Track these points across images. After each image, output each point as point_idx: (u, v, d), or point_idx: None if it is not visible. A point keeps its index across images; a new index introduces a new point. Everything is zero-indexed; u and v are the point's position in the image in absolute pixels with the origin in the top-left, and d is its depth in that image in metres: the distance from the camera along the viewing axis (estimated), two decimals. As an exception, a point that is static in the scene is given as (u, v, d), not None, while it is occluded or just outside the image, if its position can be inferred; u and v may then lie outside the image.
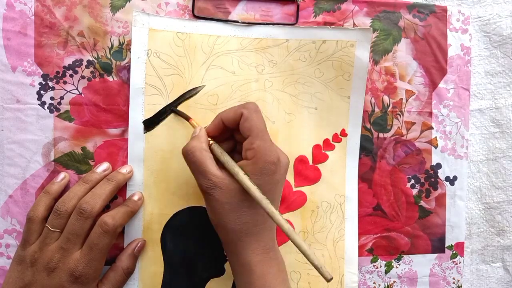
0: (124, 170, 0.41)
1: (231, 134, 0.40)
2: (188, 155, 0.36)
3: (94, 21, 0.41)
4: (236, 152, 0.40)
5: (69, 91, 0.42)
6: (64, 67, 0.41)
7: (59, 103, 0.41)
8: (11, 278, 0.38)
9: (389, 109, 0.46)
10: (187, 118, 0.41)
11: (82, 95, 0.42)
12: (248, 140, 0.36)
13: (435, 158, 0.47)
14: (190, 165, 0.37)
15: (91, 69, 0.42)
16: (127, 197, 0.42)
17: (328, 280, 0.34)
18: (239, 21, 0.43)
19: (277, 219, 0.34)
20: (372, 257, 0.47)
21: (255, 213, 0.36)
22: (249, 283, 0.36)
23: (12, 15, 0.40)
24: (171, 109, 0.42)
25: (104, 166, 0.41)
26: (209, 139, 0.38)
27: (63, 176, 0.41)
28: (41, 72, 0.41)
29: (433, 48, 0.47)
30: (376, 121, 0.46)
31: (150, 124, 0.42)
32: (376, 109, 0.46)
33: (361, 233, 0.46)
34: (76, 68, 0.41)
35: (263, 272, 0.36)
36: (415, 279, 0.48)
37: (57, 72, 0.41)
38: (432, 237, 0.48)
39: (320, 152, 0.45)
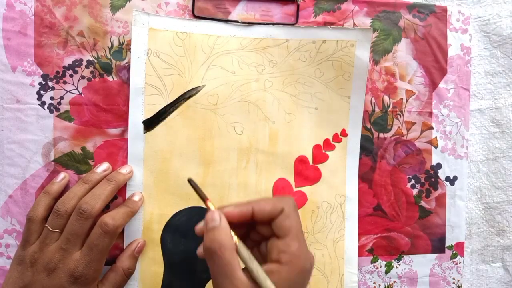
0: (124, 170, 0.41)
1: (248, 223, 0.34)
2: (215, 254, 0.30)
3: (94, 21, 0.41)
4: (249, 241, 0.35)
5: (69, 91, 0.41)
6: (64, 67, 0.41)
7: (59, 103, 0.41)
8: (11, 278, 0.37)
9: (389, 109, 0.46)
10: (204, 199, 0.34)
11: (82, 95, 0.42)
12: (285, 241, 0.31)
13: (435, 158, 0.47)
14: (215, 265, 0.30)
15: (91, 69, 0.42)
16: (127, 197, 0.42)
17: None
18: (239, 21, 0.43)
19: None
20: (372, 257, 0.47)
21: None
22: None
23: (12, 15, 0.40)
24: (189, 181, 0.34)
25: (104, 166, 0.41)
26: (233, 234, 0.32)
27: (63, 176, 0.41)
28: (41, 72, 0.41)
29: (433, 48, 0.47)
30: (376, 121, 0.46)
31: (150, 124, 0.42)
32: (377, 109, 0.46)
33: (361, 233, 0.46)
34: (76, 68, 0.41)
35: None
36: (415, 279, 0.48)
37: (57, 72, 0.41)
38: (432, 237, 0.48)
39: (320, 152, 0.45)
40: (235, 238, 0.31)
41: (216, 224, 0.31)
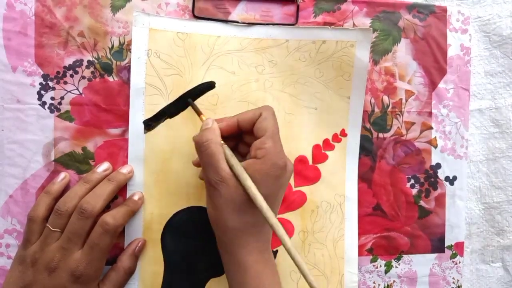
0: (124, 170, 0.41)
1: (237, 136, 0.39)
2: (202, 146, 0.36)
3: (94, 21, 0.41)
4: (237, 154, 0.40)
5: (69, 91, 0.42)
6: (65, 67, 0.41)
7: (60, 103, 0.41)
8: (12, 278, 0.38)
9: (389, 109, 0.46)
10: (199, 113, 0.39)
11: (83, 95, 0.42)
12: (261, 139, 0.36)
13: (435, 158, 0.47)
14: (203, 156, 0.36)
15: (92, 69, 0.42)
16: (127, 197, 0.42)
17: None
18: (239, 21, 0.43)
19: (278, 231, 0.34)
20: (371, 257, 0.47)
21: (256, 214, 0.36)
22: (244, 283, 0.36)
23: (12, 15, 0.40)
24: (187, 101, 0.40)
25: (104, 166, 0.41)
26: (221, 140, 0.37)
27: (63, 176, 0.41)
28: (42, 72, 0.41)
29: (433, 48, 0.47)
30: (375, 121, 0.46)
31: (150, 124, 0.42)
32: (376, 109, 0.46)
33: (360, 233, 0.46)
34: (77, 68, 0.42)
35: (258, 272, 0.36)
36: (414, 279, 0.48)
37: (58, 72, 0.41)
38: (431, 237, 0.48)
39: (320, 152, 0.45)
40: (222, 142, 0.36)
41: (208, 126, 0.37)
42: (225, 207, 0.35)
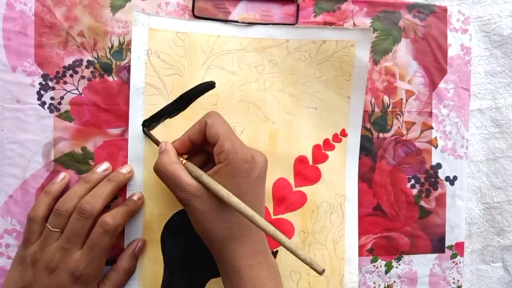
0: (124, 170, 0.41)
1: (202, 149, 0.39)
2: (159, 171, 0.36)
3: (94, 21, 0.41)
4: (210, 167, 0.39)
5: (69, 91, 0.42)
6: (64, 67, 0.41)
7: (59, 103, 0.41)
8: (12, 278, 0.38)
9: (389, 109, 0.46)
10: (156, 143, 0.40)
11: (82, 95, 0.42)
12: (218, 144, 0.36)
13: (435, 158, 0.47)
14: (164, 180, 0.36)
15: (91, 69, 0.42)
16: (127, 197, 0.42)
17: (320, 273, 0.33)
18: (239, 21, 0.43)
19: (255, 220, 0.34)
20: (372, 257, 0.47)
21: (238, 216, 0.36)
22: (239, 285, 0.36)
23: (12, 15, 0.40)
24: (143, 130, 0.41)
25: (104, 166, 0.41)
26: (181, 158, 0.37)
27: (63, 176, 0.41)
28: (41, 72, 0.41)
29: (433, 48, 0.47)
30: (376, 121, 0.46)
31: (149, 125, 0.42)
32: (376, 109, 0.46)
33: (361, 233, 0.46)
34: (76, 68, 0.41)
35: (253, 277, 0.36)
36: (415, 279, 0.48)
37: (57, 72, 0.41)
38: (432, 237, 0.48)
39: (320, 152, 0.45)
40: (183, 160, 0.37)
41: (162, 150, 0.38)
42: (204, 219, 0.35)
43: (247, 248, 0.36)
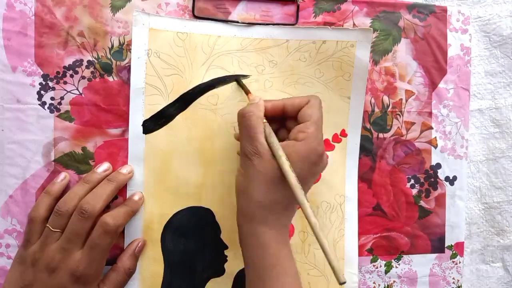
0: (124, 170, 0.41)
1: (279, 122, 0.40)
2: (244, 117, 0.36)
3: (94, 21, 0.41)
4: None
5: (69, 91, 0.42)
6: (65, 67, 0.41)
7: (60, 103, 0.41)
8: (12, 278, 0.38)
9: (389, 109, 0.46)
10: (247, 92, 0.41)
11: (83, 95, 0.42)
12: (305, 123, 0.36)
13: (435, 158, 0.47)
14: (243, 127, 0.37)
15: (92, 69, 0.42)
16: (127, 197, 0.42)
17: (340, 283, 0.33)
18: (239, 21, 0.43)
19: (306, 210, 0.34)
20: (372, 257, 0.47)
21: (285, 193, 0.35)
22: (261, 257, 0.35)
23: (12, 15, 0.40)
24: (236, 79, 0.42)
25: (104, 166, 0.41)
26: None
27: (63, 176, 0.41)
28: (42, 72, 0.41)
29: (433, 48, 0.47)
30: (376, 121, 0.46)
31: (150, 127, 0.42)
32: (376, 109, 0.46)
33: (361, 233, 0.46)
34: (77, 68, 0.41)
35: (277, 250, 0.36)
36: (415, 279, 0.48)
37: (58, 72, 0.41)
38: (432, 237, 0.48)
39: (320, 152, 0.45)
40: (264, 120, 0.37)
41: (254, 101, 0.38)
42: (256, 178, 0.35)
43: (279, 222, 0.37)
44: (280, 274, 0.35)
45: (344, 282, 0.33)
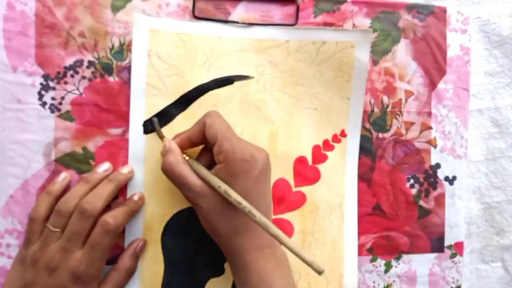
0: (125, 170, 0.41)
1: (207, 149, 0.40)
2: (167, 171, 0.37)
3: (95, 22, 0.42)
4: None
5: (70, 92, 0.42)
6: (65, 67, 0.41)
7: (60, 103, 0.42)
8: (12, 278, 0.38)
9: (389, 109, 0.46)
10: (161, 137, 0.41)
11: (83, 95, 0.42)
12: (217, 144, 0.36)
13: (434, 158, 0.47)
14: (173, 180, 0.37)
15: (92, 69, 0.42)
16: (127, 197, 0.42)
17: (320, 273, 0.34)
18: (239, 21, 0.43)
19: (258, 220, 0.35)
20: (371, 256, 0.47)
21: (242, 213, 0.36)
22: (246, 282, 0.37)
23: (12, 15, 0.40)
24: (151, 120, 0.42)
25: (105, 166, 0.41)
26: (184, 155, 0.38)
27: (64, 176, 0.41)
28: (42, 73, 0.41)
29: (433, 48, 0.47)
30: (375, 121, 0.46)
31: (150, 128, 0.42)
32: (376, 109, 0.46)
33: (360, 233, 0.46)
34: (77, 69, 0.42)
35: (259, 270, 0.36)
36: (414, 279, 0.48)
37: (58, 73, 0.41)
38: (431, 236, 0.48)
39: (320, 153, 0.45)
40: (187, 157, 0.38)
41: (166, 149, 0.38)
42: (210, 217, 0.36)
43: (253, 242, 0.37)
44: None
45: (323, 271, 0.34)
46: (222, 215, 0.36)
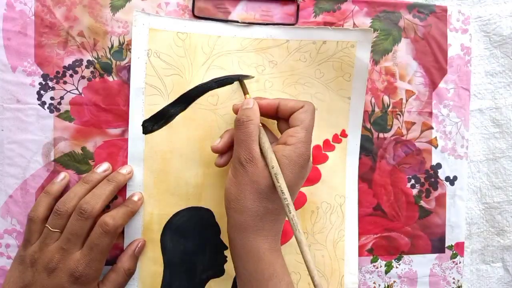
0: (124, 170, 0.41)
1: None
2: (242, 124, 0.36)
3: (94, 21, 0.41)
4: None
5: (69, 91, 0.42)
6: (64, 67, 0.41)
7: (59, 103, 0.41)
8: (11, 278, 0.38)
9: (389, 109, 0.46)
10: (245, 92, 0.40)
11: (82, 95, 0.42)
12: (295, 128, 0.36)
13: (435, 158, 0.47)
14: (240, 134, 0.36)
15: (91, 69, 0.42)
16: (127, 198, 0.42)
17: None
18: (239, 21, 0.43)
19: (291, 217, 0.34)
20: (372, 257, 0.47)
21: (277, 202, 0.36)
22: (257, 271, 0.35)
23: (12, 15, 0.40)
24: (238, 79, 0.41)
25: (104, 166, 0.41)
26: None
27: (63, 176, 0.41)
28: (41, 72, 0.41)
29: (433, 48, 0.47)
30: (376, 121, 0.46)
31: (150, 128, 0.42)
32: (376, 109, 0.46)
33: (361, 233, 0.46)
34: (76, 68, 0.41)
35: (272, 261, 0.36)
36: (415, 279, 0.48)
37: (57, 72, 0.41)
38: (432, 237, 0.48)
39: (320, 153, 0.45)
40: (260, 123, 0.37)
41: (249, 106, 0.37)
42: (249, 186, 0.35)
43: (271, 232, 0.37)
44: (277, 285, 0.35)
45: None
46: (259, 192, 0.35)
